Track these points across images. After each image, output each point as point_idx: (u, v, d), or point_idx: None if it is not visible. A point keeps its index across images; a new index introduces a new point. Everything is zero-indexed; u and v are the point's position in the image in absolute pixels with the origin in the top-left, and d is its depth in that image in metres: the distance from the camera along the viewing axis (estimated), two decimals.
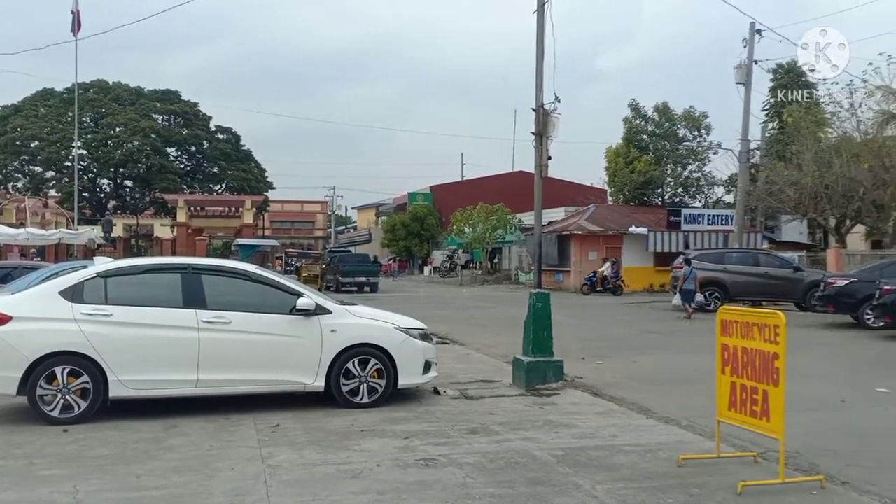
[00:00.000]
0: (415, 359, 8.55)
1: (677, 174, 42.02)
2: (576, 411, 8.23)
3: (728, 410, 5.94)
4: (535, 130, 10.61)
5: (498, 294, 34.04)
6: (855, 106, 30.72)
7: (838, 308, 18.74)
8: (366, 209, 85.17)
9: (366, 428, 7.27)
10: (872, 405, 8.85)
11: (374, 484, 5.52)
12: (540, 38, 10.43)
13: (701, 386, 8.85)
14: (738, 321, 5.85)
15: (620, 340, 15.78)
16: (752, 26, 28.55)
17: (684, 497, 5.26)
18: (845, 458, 6.38)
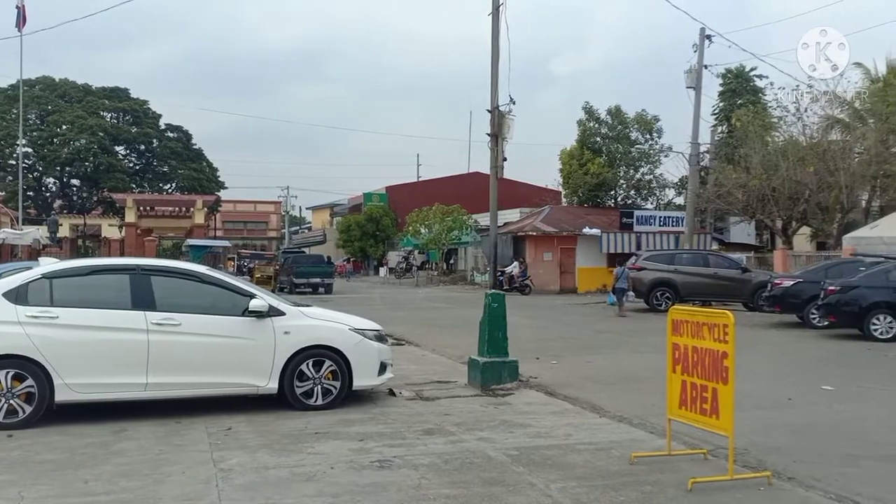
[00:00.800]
0: (370, 360, 8.51)
1: (630, 176, 42.61)
2: (530, 411, 8.29)
3: (679, 408, 6.04)
4: (490, 132, 10.66)
5: (453, 295, 34.10)
6: (801, 111, 31.62)
7: (785, 308, 19.23)
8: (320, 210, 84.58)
9: (320, 430, 7.21)
10: (817, 403, 9.09)
11: (329, 487, 5.48)
12: (495, 41, 10.49)
13: (653, 385, 8.99)
14: (688, 321, 5.95)
15: (575, 340, 15.94)
16: (702, 31, 29.13)
17: (636, 494, 5.34)
18: (792, 454, 6.54)
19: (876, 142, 28.55)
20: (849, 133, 30.91)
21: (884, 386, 10.37)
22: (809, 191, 29.97)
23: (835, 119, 31.65)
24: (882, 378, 11.01)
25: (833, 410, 8.63)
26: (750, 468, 5.98)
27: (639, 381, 10.50)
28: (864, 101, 31.71)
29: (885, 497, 5.36)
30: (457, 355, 12.47)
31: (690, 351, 5.88)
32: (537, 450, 6.55)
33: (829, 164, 29.12)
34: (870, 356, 13.41)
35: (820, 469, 6.06)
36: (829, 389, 9.88)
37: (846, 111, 31.91)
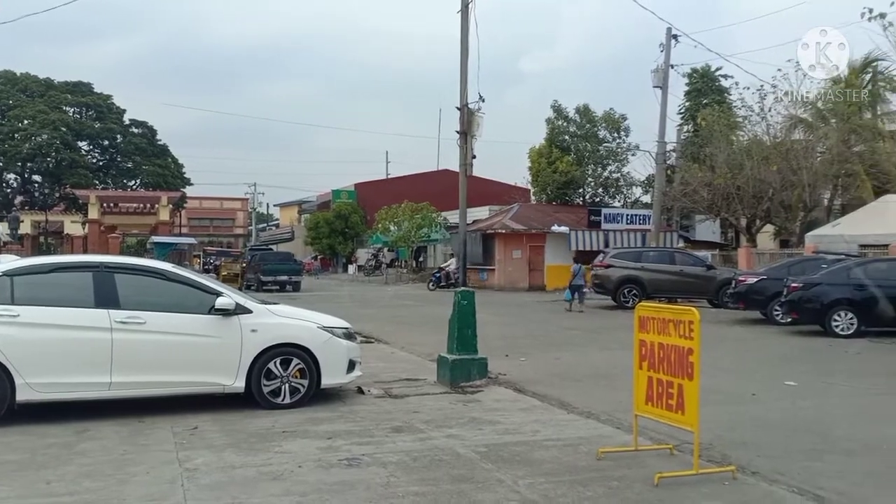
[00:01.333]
0: (338, 358, 8.46)
1: (598, 174, 42.94)
2: (499, 408, 8.31)
3: (645, 404, 6.09)
4: (460, 129, 10.67)
5: (422, 292, 34.07)
6: (765, 110, 32.18)
7: (749, 305, 19.53)
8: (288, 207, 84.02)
9: (287, 429, 7.16)
10: (781, 398, 9.24)
11: (296, 485, 5.44)
12: (464, 38, 10.49)
13: (620, 381, 9.07)
14: (655, 318, 6.01)
15: (543, 337, 16.03)
16: (668, 31, 29.45)
17: (603, 490, 5.38)
18: (755, 449, 6.64)
19: (837, 141, 29.15)
20: (811, 133, 31.52)
21: (845, 381, 10.58)
22: (773, 189, 30.48)
23: (798, 119, 32.24)
24: (843, 373, 11.24)
25: (796, 406, 8.78)
26: (715, 463, 6.06)
27: (606, 378, 10.59)
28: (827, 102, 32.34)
29: (847, 490, 5.46)
30: (426, 353, 12.47)
31: (657, 347, 5.93)
32: (506, 446, 6.57)
33: (792, 164, 29.64)
34: (831, 352, 13.67)
35: (783, 463, 6.16)
36: (793, 385, 10.06)
37: (809, 111, 32.51)
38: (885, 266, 16.89)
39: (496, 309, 21.98)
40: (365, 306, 24.84)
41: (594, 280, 24.96)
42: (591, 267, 25.56)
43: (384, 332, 16.08)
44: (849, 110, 30.22)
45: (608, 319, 20.36)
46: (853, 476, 5.89)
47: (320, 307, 12.86)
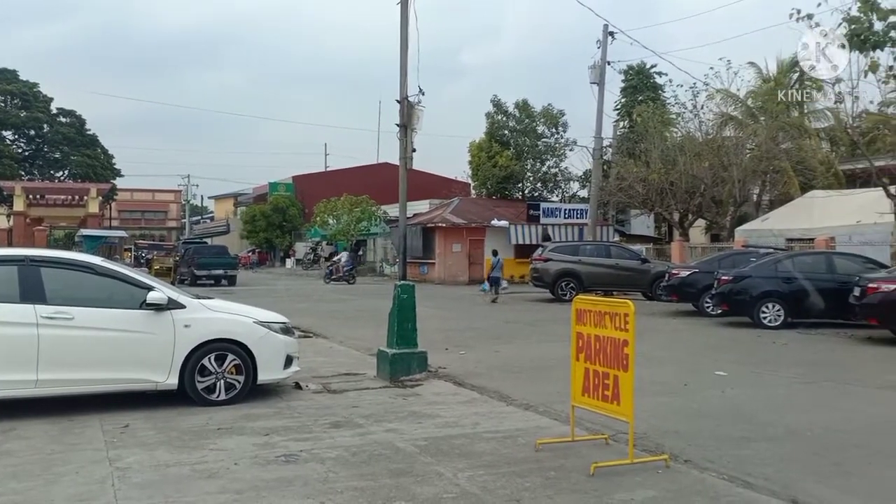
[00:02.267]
0: (275, 353, 8.34)
1: (536, 169, 43.37)
2: (439, 401, 8.33)
3: (582, 395, 6.19)
4: (399, 122, 10.62)
5: (362, 286, 33.90)
6: (697, 108, 33.03)
7: (681, 297, 20.05)
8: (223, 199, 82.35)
9: (223, 426, 7.03)
10: (711, 388, 9.50)
11: (232, 483, 5.34)
12: (404, 30, 10.43)
13: (558, 372, 9.18)
14: (591, 310, 6.10)
15: (483, 330, 16.13)
16: (605, 28, 29.91)
17: (541, 480, 5.44)
18: (687, 438, 6.82)
19: (766, 138, 30.12)
20: (741, 130, 32.50)
21: (772, 371, 10.95)
22: (704, 185, 31.32)
23: (729, 116, 33.21)
24: (771, 364, 11.63)
25: (726, 395, 9.05)
26: (649, 452, 6.19)
27: (545, 370, 10.72)
28: (756, 100, 33.41)
29: (773, 476, 5.65)
30: (365, 347, 12.41)
31: (593, 339, 6.03)
32: (446, 439, 6.59)
33: (722, 160, 30.52)
34: (760, 343, 14.13)
35: (714, 451, 6.34)
36: (723, 375, 10.36)
37: (739, 109, 33.54)
38: (811, 259, 17.55)
39: (436, 302, 22.02)
40: (303, 300, 24.57)
41: (533, 273, 25.26)
42: (531, 260, 25.89)
43: (323, 327, 15.94)
44: (777, 108, 31.27)
45: (546, 312, 20.62)
46: (779, 462, 6.10)
47: (257, 302, 12.65)
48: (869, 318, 14.05)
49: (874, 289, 13.64)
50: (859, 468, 5.98)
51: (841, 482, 5.64)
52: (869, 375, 10.55)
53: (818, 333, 15.26)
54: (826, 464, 6.09)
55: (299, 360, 8.91)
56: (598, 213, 33.38)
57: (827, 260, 17.26)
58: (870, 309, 13.76)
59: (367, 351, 11.93)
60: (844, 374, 10.56)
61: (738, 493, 5.25)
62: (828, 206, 24.91)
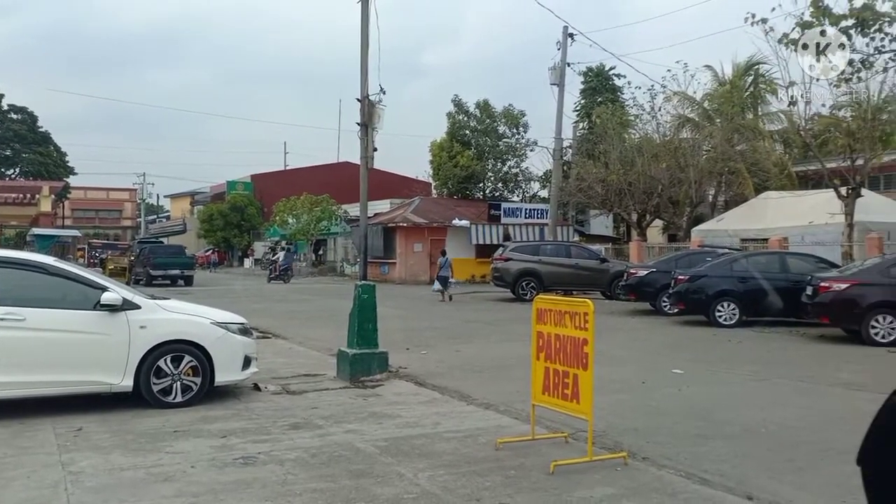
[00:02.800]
0: (233, 355, 8.23)
1: (497, 169, 43.54)
2: (400, 401, 8.30)
3: (542, 394, 6.22)
4: (360, 121, 10.56)
5: (322, 286, 33.67)
6: (655, 109, 33.49)
7: (639, 296, 20.30)
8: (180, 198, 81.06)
9: (179, 428, 6.91)
10: (668, 386, 9.63)
11: (189, 486, 5.25)
12: (365, 28, 10.38)
13: (518, 372, 9.22)
14: (552, 310, 6.14)
15: (444, 330, 16.12)
16: (565, 30, 30.11)
17: (501, 479, 5.45)
18: (645, 435, 6.90)
19: (722, 140, 30.69)
20: (698, 131, 33.08)
21: (728, 369, 11.14)
22: (662, 186, 31.77)
23: (686, 118, 33.78)
24: (726, 362, 11.83)
25: (682, 393, 9.17)
26: (608, 449, 6.25)
27: (505, 369, 10.75)
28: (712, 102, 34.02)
29: (729, 472, 5.74)
30: (325, 347, 12.31)
31: (553, 339, 6.06)
32: (406, 440, 6.57)
33: (679, 161, 31.00)
34: (715, 341, 14.37)
35: (671, 448, 6.42)
36: (680, 373, 10.51)
37: (696, 111, 34.13)
38: (765, 259, 17.90)
39: (398, 302, 21.97)
40: (262, 301, 24.30)
41: (494, 273, 25.35)
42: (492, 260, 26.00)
43: (282, 328, 15.78)
44: (733, 111, 31.89)
45: (507, 312, 20.70)
46: (735, 458, 6.21)
47: (214, 302, 12.48)
48: (821, 316, 14.37)
49: (826, 288, 13.97)
50: (812, 464, 6.11)
51: (794, 478, 5.76)
52: (821, 373, 10.79)
53: (772, 332, 15.58)
54: (780, 460, 6.21)
55: (258, 361, 8.80)
56: (559, 213, 33.63)
57: (780, 260, 17.64)
58: (822, 307, 14.08)
59: (327, 351, 11.84)
60: (798, 372, 10.79)
61: (694, 490, 5.33)
62: (781, 206, 25.46)
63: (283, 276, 36.35)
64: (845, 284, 13.85)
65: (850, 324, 13.94)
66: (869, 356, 12.27)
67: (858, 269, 14.88)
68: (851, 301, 13.62)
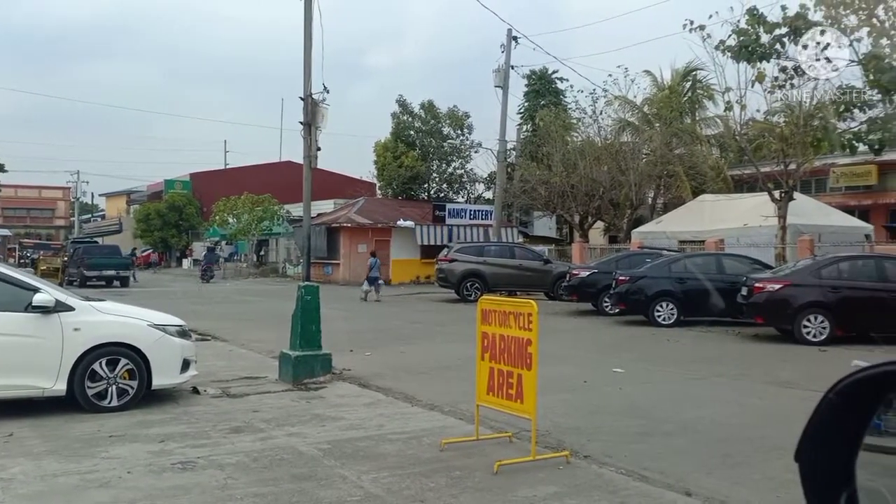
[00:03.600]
0: (171, 357, 8.04)
1: (442, 170, 43.62)
2: (343, 403, 8.23)
3: (487, 395, 6.25)
4: (303, 120, 10.45)
5: (265, 287, 33.20)
6: (597, 113, 34.03)
7: (581, 297, 20.57)
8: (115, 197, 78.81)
9: (115, 433, 6.71)
10: (610, 384, 9.79)
11: (125, 492, 5.11)
12: (308, 27, 10.28)
13: (463, 372, 9.24)
14: (496, 310, 6.17)
15: (388, 331, 16.06)
16: (509, 33, 30.34)
17: (446, 480, 5.45)
18: (587, 434, 6.99)
19: (661, 144, 31.39)
20: (638, 135, 33.73)
21: (666, 367, 11.38)
22: (603, 188, 32.30)
23: (626, 122, 34.42)
24: (664, 360, 12.08)
25: (623, 392, 9.33)
26: (551, 448, 6.31)
27: (450, 370, 10.77)
28: (652, 107, 34.75)
29: (668, 469, 5.86)
30: (267, 350, 12.13)
31: (498, 339, 6.10)
32: (350, 442, 6.52)
33: (620, 164, 31.57)
34: (654, 341, 14.66)
35: (612, 446, 6.52)
36: (620, 372, 10.69)
37: (636, 115, 34.79)
38: (702, 261, 18.34)
39: (341, 304, 21.78)
40: (201, 302, 23.82)
41: (438, 274, 25.39)
42: (437, 261, 26.04)
43: (222, 329, 15.49)
44: (671, 115, 32.62)
45: (452, 313, 20.74)
46: (674, 455, 6.34)
47: (152, 304, 12.18)
48: (755, 316, 14.79)
49: (760, 288, 14.38)
50: (748, 459, 6.28)
51: (731, 473, 5.91)
52: (756, 371, 11.11)
53: (709, 331, 15.96)
54: (717, 456, 6.37)
55: (197, 363, 8.62)
56: (503, 214, 33.88)
57: (716, 261, 18.09)
58: (756, 307, 14.49)
59: (269, 354, 11.67)
60: (734, 370, 11.09)
61: (634, 487, 5.42)
62: (717, 209, 26.13)
63: (205, 276, 36.78)
64: (778, 285, 14.28)
65: (783, 323, 14.38)
66: (801, 355, 12.68)
67: (791, 270, 15.37)
68: (784, 301, 14.06)
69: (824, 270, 14.48)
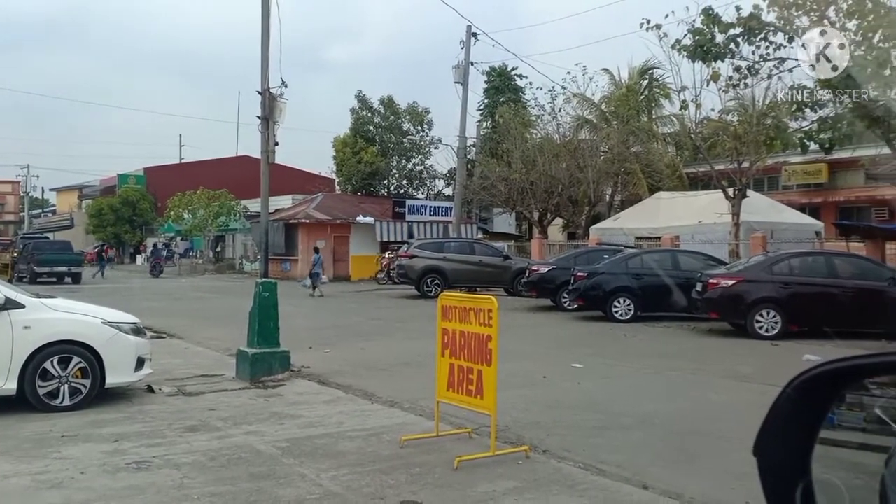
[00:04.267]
0: (125, 355, 7.89)
1: (402, 166, 43.51)
2: (302, 401, 8.17)
3: (447, 391, 6.25)
4: (261, 114, 10.31)
5: (221, 284, 32.76)
6: (556, 110, 34.28)
7: (540, 293, 20.70)
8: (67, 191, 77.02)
9: (67, 433, 6.56)
10: (568, 380, 9.88)
11: (78, 493, 5.00)
12: (265, 20, 10.14)
13: (423, 369, 9.24)
14: (456, 307, 6.18)
15: (348, 328, 15.98)
16: (468, 29, 30.40)
17: (406, 476, 5.44)
18: (546, 428, 7.04)
19: (618, 142, 31.74)
20: (596, 133, 34.06)
21: (623, 362, 11.52)
22: (562, 185, 32.56)
23: (584, 120, 34.74)
24: (622, 355, 12.24)
25: (582, 387, 9.42)
26: (510, 444, 6.34)
27: (410, 366, 10.75)
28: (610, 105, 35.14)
29: (625, 463, 5.93)
30: (224, 347, 11.97)
31: (458, 335, 6.10)
32: (309, 440, 6.47)
33: (579, 161, 31.85)
34: (612, 336, 14.83)
35: (571, 441, 6.59)
36: (579, 367, 10.79)
37: (594, 113, 35.14)
38: (658, 257, 18.62)
39: (300, 300, 21.60)
40: (157, 299, 23.42)
41: (398, 270, 25.33)
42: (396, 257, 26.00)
43: (178, 327, 15.24)
44: (628, 113, 33.02)
45: (412, 309, 20.71)
46: (631, 449, 6.42)
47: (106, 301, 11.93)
48: (710, 311, 15.05)
49: (714, 284, 14.64)
50: (704, 453, 6.39)
51: (687, 466, 6.01)
52: (711, 366, 11.30)
53: (665, 326, 16.21)
54: (673, 449, 6.47)
55: (152, 362, 8.47)
56: (463, 210, 33.94)
57: (672, 257, 18.37)
58: (711, 303, 14.75)
59: (226, 351, 11.52)
60: (689, 365, 11.27)
61: (592, 481, 5.47)
62: (673, 206, 26.55)
63: (153, 272, 36.97)
64: (732, 281, 14.56)
65: (737, 318, 14.66)
66: (754, 349, 12.94)
67: (744, 266, 15.68)
68: (737, 297, 14.33)
69: (776, 267, 14.81)
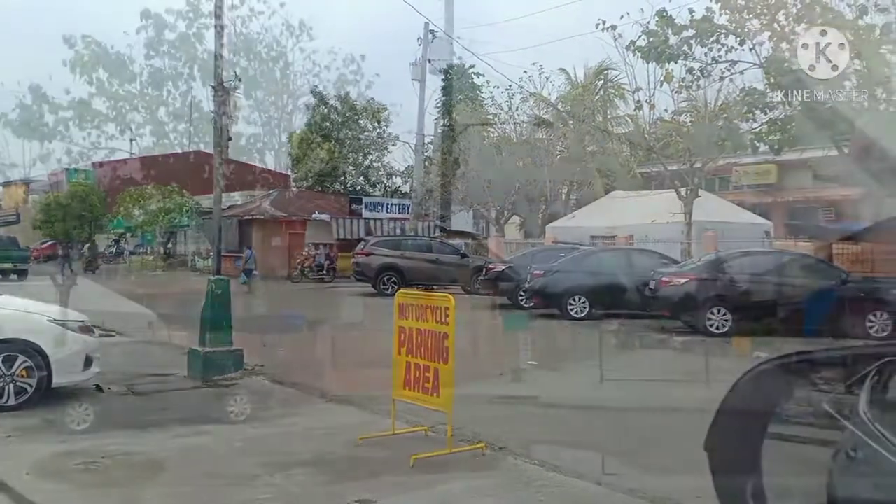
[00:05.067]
0: (73, 354, 7.67)
1: (359, 163, 43.26)
2: (256, 400, 8.04)
3: (404, 389, 6.23)
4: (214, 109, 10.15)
5: (173, 281, 32.16)
6: (513, 109, 34.43)
7: (498, 291, 20.77)
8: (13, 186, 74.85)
9: (13, 434, 6.38)
10: (525, 376, 9.94)
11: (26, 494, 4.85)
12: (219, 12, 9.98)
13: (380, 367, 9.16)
14: (413, 304, 6.16)
15: (303, 326, 15.82)
16: (426, 27, 30.46)
17: (362, 475, 5.41)
18: (503, 426, 7.05)
19: (574, 141, 32.01)
20: (552, 132, 34.32)
21: (578, 359, 11.64)
22: (519, 184, 32.74)
23: (541, 119, 34.97)
24: (575, 353, 12.38)
25: (537, 383, 9.50)
26: (467, 441, 6.34)
27: (367, 365, 10.66)
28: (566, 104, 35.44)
29: (580, 459, 6.00)
30: (176, 346, 11.73)
31: (415, 333, 6.09)
32: (263, 439, 6.38)
33: (535, 160, 32.05)
34: (567, 334, 14.99)
35: (527, 437, 6.61)
36: (534, 364, 10.87)
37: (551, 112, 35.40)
38: (612, 255, 18.87)
39: (255, 298, 21.35)
40: (106, 296, 22.89)
41: (355, 268, 25.19)
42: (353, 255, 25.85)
43: (128, 325, 14.91)
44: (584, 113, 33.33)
45: (369, 307, 20.61)
46: (586, 445, 6.48)
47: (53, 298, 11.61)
48: (662, 309, 15.28)
49: (666, 283, 14.87)
50: (658, 448, 6.47)
51: (643, 460, 6.09)
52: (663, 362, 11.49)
53: (619, 324, 16.39)
54: (627, 444, 6.55)
55: (101, 360, 8.26)
56: (420, 208, 33.90)
57: (626, 256, 18.62)
58: (663, 301, 14.98)
59: (178, 350, 11.28)
60: (641, 361, 11.45)
61: (549, 478, 5.51)
62: (627, 205, 26.88)
63: (89, 267, 37.53)
64: (683, 280, 14.80)
65: (688, 316, 14.91)
66: (705, 346, 13.16)
67: (695, 265, 15.96)
68: (689, 295, 14.57)
69: (726, 265, 15.10)
